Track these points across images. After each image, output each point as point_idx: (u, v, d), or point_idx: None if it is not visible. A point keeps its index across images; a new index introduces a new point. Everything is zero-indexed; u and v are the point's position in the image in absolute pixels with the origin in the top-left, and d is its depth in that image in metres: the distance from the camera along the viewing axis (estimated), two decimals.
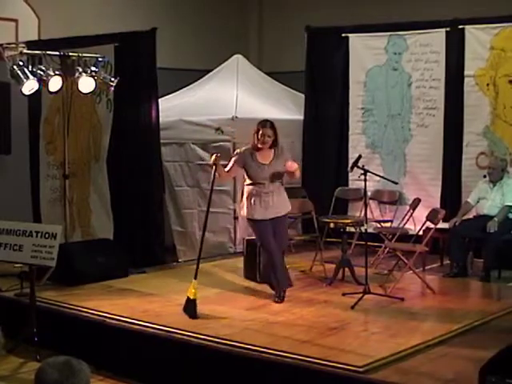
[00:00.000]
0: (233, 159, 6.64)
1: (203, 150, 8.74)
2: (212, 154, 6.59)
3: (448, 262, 7.94)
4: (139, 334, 5.78)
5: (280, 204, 6.59)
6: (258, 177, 6.53)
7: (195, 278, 6.20)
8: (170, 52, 10.03)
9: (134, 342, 5.83)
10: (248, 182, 6.61)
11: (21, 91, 7.25)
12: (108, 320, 6.06)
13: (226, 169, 6.59)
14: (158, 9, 10.80)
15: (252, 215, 6.55)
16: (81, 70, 7.42)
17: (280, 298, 6.57)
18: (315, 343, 5.32)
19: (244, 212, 6.66)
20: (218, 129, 8.73)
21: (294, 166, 6.49)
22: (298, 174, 6.69)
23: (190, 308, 6.07)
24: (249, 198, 6.57)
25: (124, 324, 5.94)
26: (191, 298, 6.10)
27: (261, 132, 6.48)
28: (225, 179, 6.75)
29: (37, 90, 7.33)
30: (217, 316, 6.09)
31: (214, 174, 6.45)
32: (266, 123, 6.52)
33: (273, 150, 6.57)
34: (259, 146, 6.49)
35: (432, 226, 7.38)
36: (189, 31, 11.21)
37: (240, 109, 8.81)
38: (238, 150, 6.74)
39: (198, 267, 6.28)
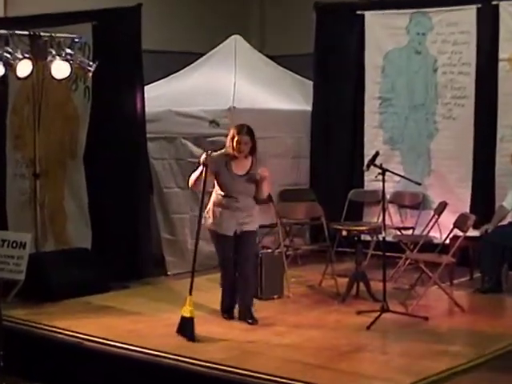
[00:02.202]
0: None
1: (196, 145, 8.74)
2: (205, 152, 6.56)
3: (479, 275, 7.95)
4: (122, 359, 5.79)
5: (249, 219, 6.60)
6: (230, 189, 6.55)
7: (190, 294, 6.21)
8: (157, 32, 10.05)
9: (115, 368, 5.83)
10: (219, 191, 6.61)
11: None
12: (86, 342, 6.06)
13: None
14: None
15: (216, 228, 6.58)
16: (54, 52, 7.43)
17: (251, 319, 6.57)
18: (326, 369, 5.32)
19: (209, 223, 6.63)
20: (212, 121, 8.74)
21: (265, 172, 6.50)
22: (265, 188, 6.58)
23: (187, 328, 6.07)
24: (217, 208, 6.57)
25: (104, 347, 5.95)
26: (187, 316, 6.11)
27: (236, 139, 6.51)
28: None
29: (3, 76, 7.33)
30: (213, 338, 6.10)
31: (206, 175, 6.42)
32: (242, 129, 6.55)
33: (250, 159, 6.60)
34: (235, 154, 6.53)
35: (460, 233, 7.38)
36: (179, 8, 11.22)
37: (238, 98, 8.81)
38: (212, 154, 6.56)
39: (192, 281, 6.28)
